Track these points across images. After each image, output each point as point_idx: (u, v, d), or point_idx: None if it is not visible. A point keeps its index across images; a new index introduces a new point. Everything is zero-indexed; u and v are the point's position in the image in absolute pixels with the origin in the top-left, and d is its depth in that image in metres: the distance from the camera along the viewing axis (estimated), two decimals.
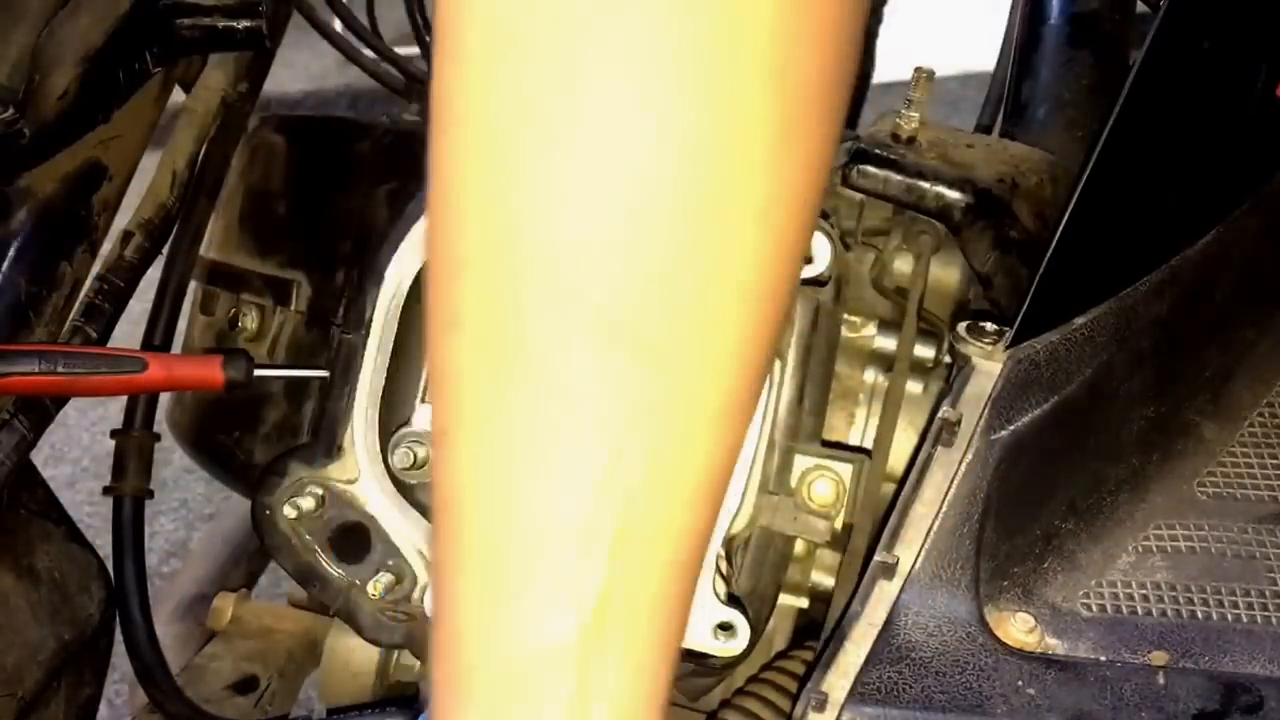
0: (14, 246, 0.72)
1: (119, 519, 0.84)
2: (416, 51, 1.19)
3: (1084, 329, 0.62)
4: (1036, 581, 0.61)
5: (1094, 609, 0.61)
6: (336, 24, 1.17)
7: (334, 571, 0.69)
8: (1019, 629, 0.59)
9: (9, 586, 0.73)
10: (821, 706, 0.55)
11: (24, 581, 0.74)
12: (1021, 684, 0.57)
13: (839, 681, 0.56)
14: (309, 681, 1.00)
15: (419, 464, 0.67)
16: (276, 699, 0.95)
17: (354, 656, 0.81)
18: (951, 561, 0.59)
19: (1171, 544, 0.63)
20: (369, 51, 1.20)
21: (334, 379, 0.69)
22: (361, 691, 0.82)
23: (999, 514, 0.60)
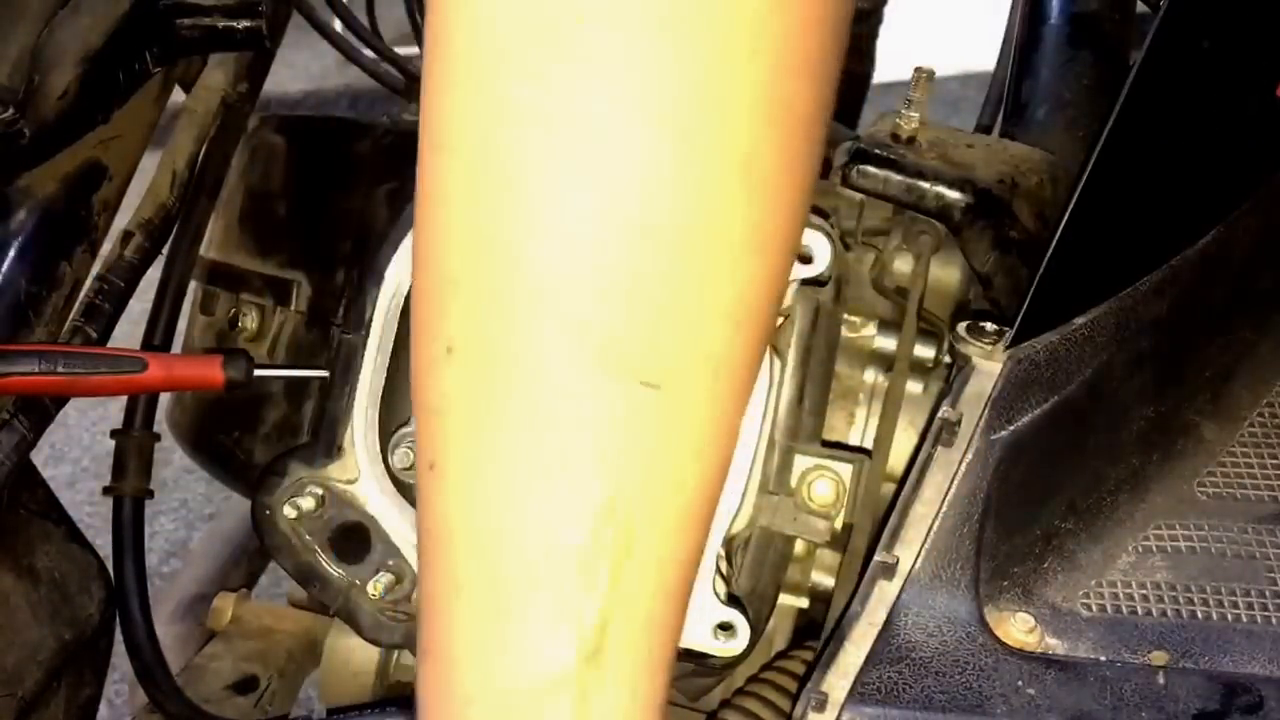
0: (14, 246, 0.72)
1: (119, 519, 0.84)
2: (416, 51, 1.18)
3: (1084, 329, 0.62)
4: (1036, 581, 0.61)
5: (1094, 609, 0.61)
6: (336, 24, 1.17)
7: (334, 571, 0.69)
8: (1019, 629, 0.59)
9: (9, 586, 0.73)
10: (821, 706, 0.55)
11: (24, 581, 0.74)
12: (1021, 684, 0.57)
13: (839, 681, 0.56)
14: (309, 681, 1.00)
15: None
16: (276, 699, 0.95)
17: (354, 656, 0.81)
18: (951, 561, 0.59)
19: (1171, 544, 0.63)
20: (369, 51, 1.20)
21: (334, 379, 0.69)
22: (361, 691, 0.82)
23: (999, 514, 0.60)
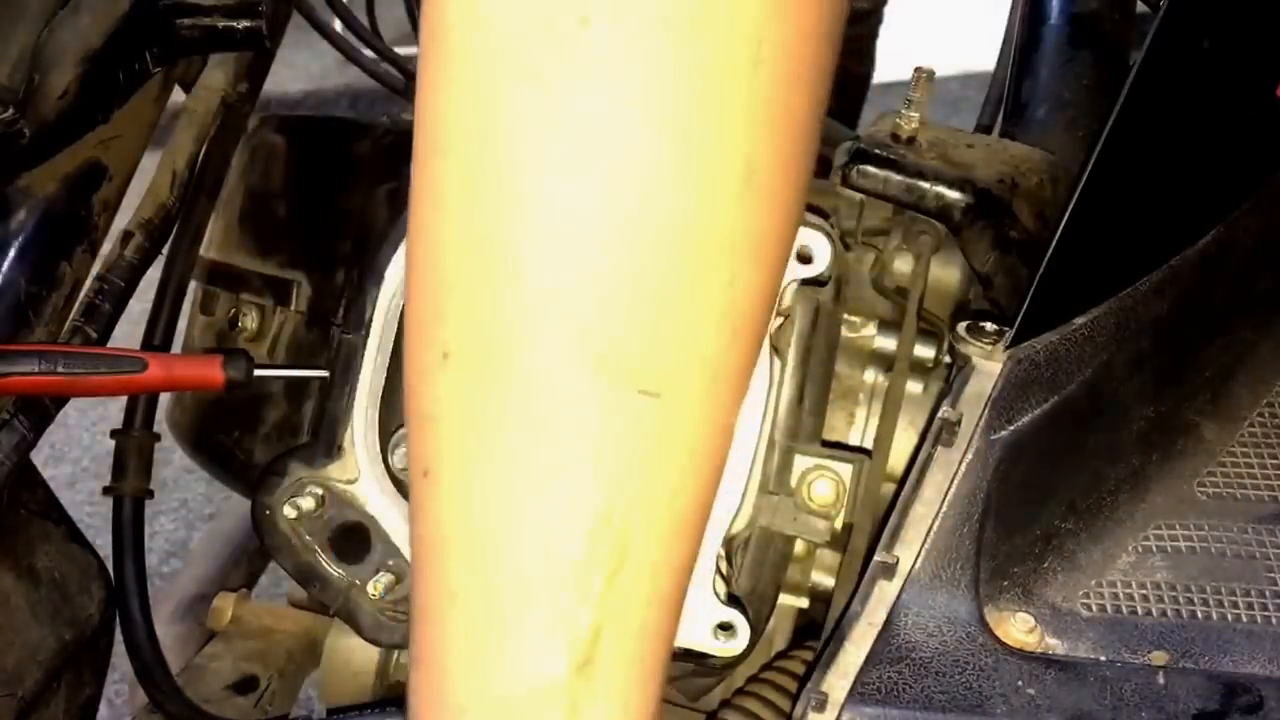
0: (14, 246, 0.72)
1: (119, 519, 0.84)
2: (416, 51, 1.19)
3: (1084, 329, 0.62)
4: (1036, 581, 0.61)
5: (1094, 609, 0.61)
6: (336, 24, 1.17)
7: (334, 571, 0.69)
8: (1019, 629, 0.59)
9: (9, 586, 0.73)
10: (821, 706, 0.55)
11: (24, 581, 0.74)
12: (1021, 684, 0.57)
13: (839, 681, 0.56)
14: (309, 681, 1.00)
15: None
16: (276, 699, 0.95)
17: (354, 656, 0.81)
18: (951, 561, 0.59)
19: (1171, 544, 0.63)
20: (369, 51, 1.20)
21: (334, 379, 0.69)
22: (361, 691, 0.82)
23: (999, 514, 0.60)
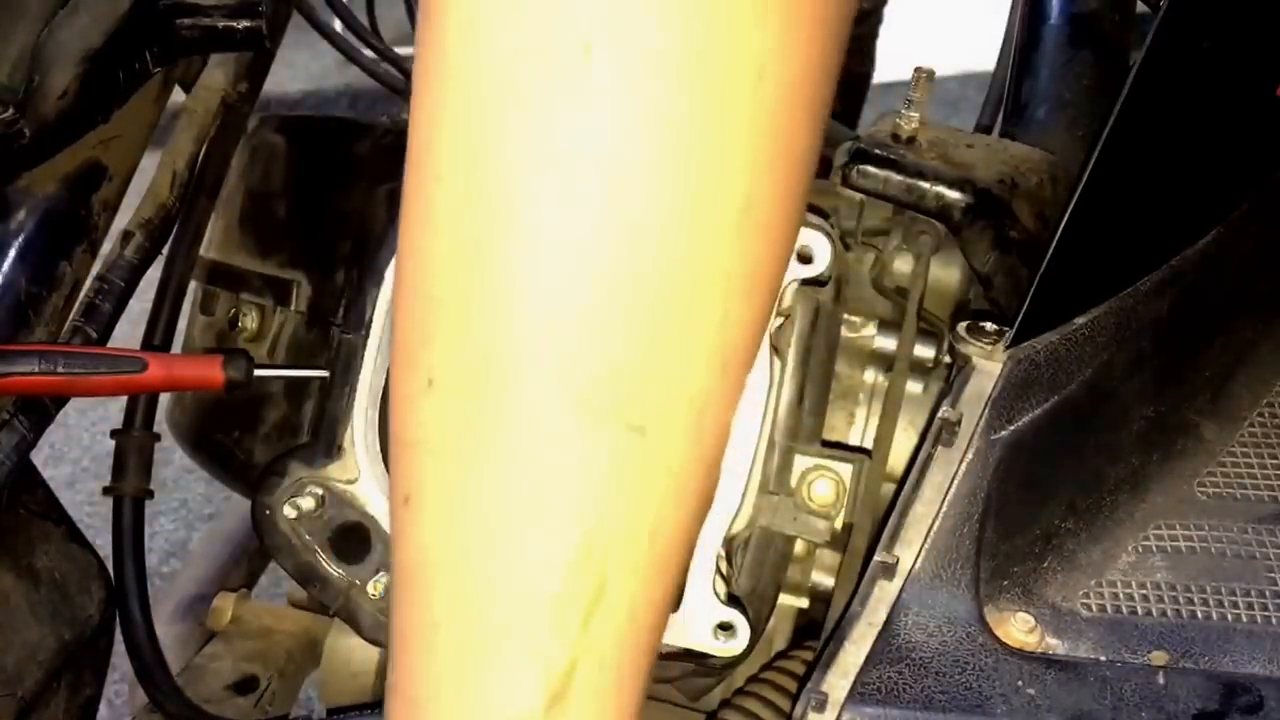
0: (14, 246, 0.72)
1: (119, 519, 0.84)
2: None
3: (1084, 329, 0.62)
4: (1036, 581, 0.61)
5: (1094, 609, 0.61)
6: (336, 24, 1.17)
7: (334, 571, 0.69)
8: (1019, 629, 0.59)
9: (9, 586, 0.73)
10: (821, 706, 0.55)
11: (24, 581, 0.74)
12: (1021, 684, 0.57)
13: (839, 681, 0.56)
14: (309, 681, 1.00)
15: None
16: (276, 699, 0.95)
17: (354, 656, 0.81)
18: (951, 561, 0.59)
19: (1171, 544, 0.63)
20: (369, 51, 1.20)
21: (334, 379, 0.69)
22: (361, 691, 0.82)
23: (999, 514, 0.60)
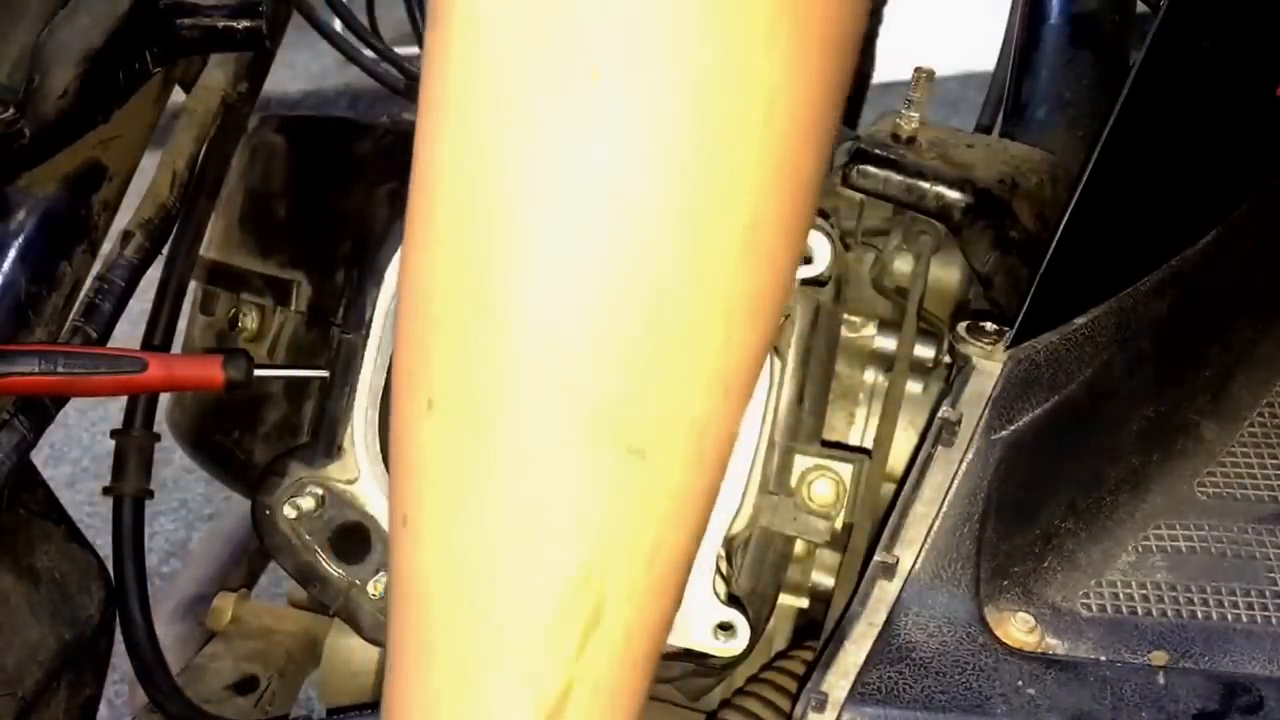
0: (14, 246, 0.72)
1: (119, 519, 0.84)
2: (416, 51, 1.19)
3: (1084, 329, 0.62)
4: (1036, 581, 0.61)
5: (1094, 609, 0.61)
6: (336, 24, 1.17)
7: (334, 571, 0.70)
8: (1019, 629, 0.59)
9: (9, 586, 0.73)
10: (821, 706, 0.55)
11: (24, 581, 0.74)
12: (1021, 684, 0.57)
13: (839, 681, 0.56)
14: (309, 681, 1.00)
15: None
16: (276, 699, 0.95)
17: (354, 656, 0.81)
18: (951, 561, 0.59)
19: (1171, 544, 0.63)
20: (369, 51, 1.20)
21: (334, 379, 0.69)
22: (361, 691, 0.82)
23: (999, 514, 0.60)
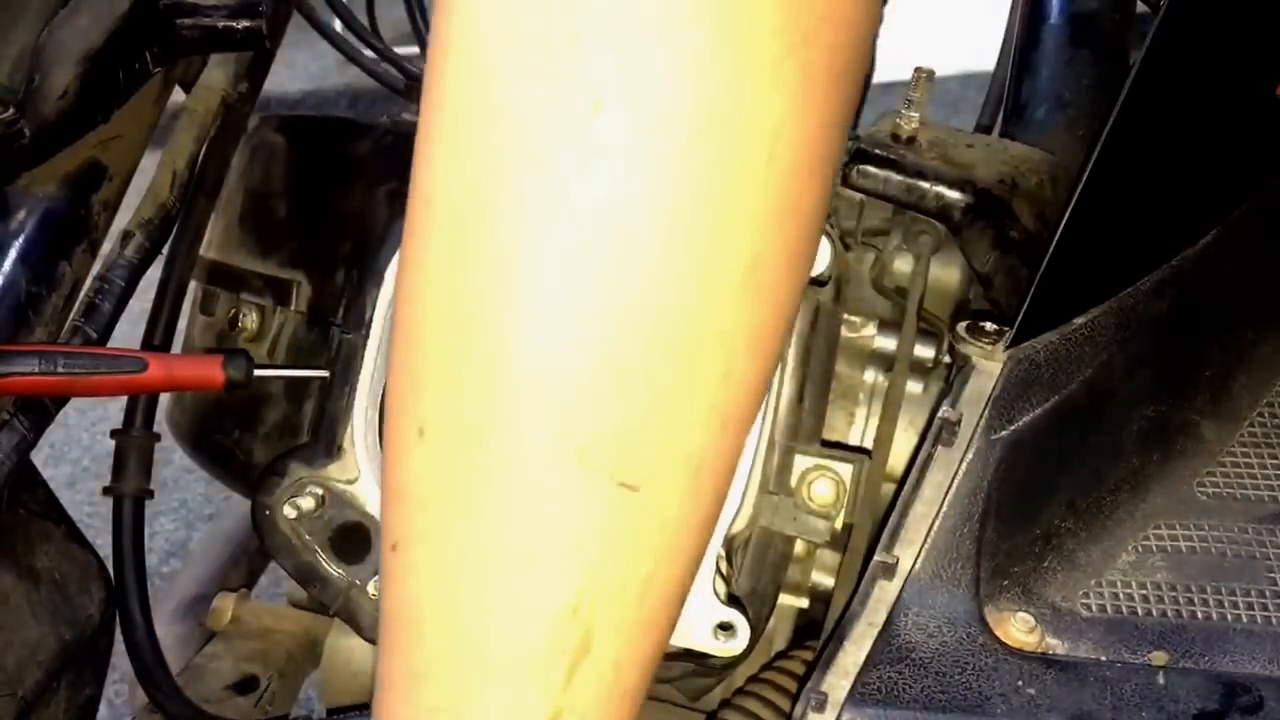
0: (14, 246, 0.72)
1: (119, 519, 0.84)
2: (416, 51, 1.19)
3: (1084, 329, 0.62)
4: (1036, 581, 0.61)
5: (1094, 609, 0.61)
6: (336, 24, 1.17)
7: (334, 571, 0.70)
8: (1019, 629, 0.59)
9: (9, 586, 0.73)
10: (821, 706, 0.55)
11: (24, 581, 0.74)
12: (1021, 684, 0.57)
13: (839, 681, 0.56)
14: (309, 681, 1.00)
15: None
16: (276, 699, 0.95)
17: (354, 656, 0.81)
18: (951, 561, 0.59)
19: (1171, 544, 0.63)
20: (369, 51, 1.20)
21: (334, 379, 0.70)
22: (361, 691, 0.82)
23: (999, 514, 0.60)
